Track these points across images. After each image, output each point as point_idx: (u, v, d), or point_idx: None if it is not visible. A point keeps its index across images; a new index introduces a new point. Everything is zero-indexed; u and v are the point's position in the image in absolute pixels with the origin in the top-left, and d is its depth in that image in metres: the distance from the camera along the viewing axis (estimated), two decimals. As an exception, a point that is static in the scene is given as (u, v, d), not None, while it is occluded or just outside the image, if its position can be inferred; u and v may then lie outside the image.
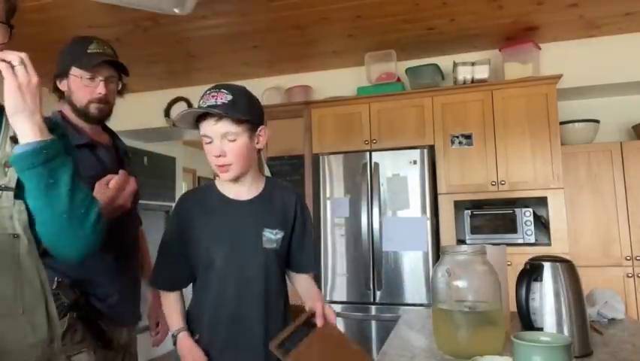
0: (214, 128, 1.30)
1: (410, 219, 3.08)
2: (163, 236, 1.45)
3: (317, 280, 1.75)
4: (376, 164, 3.14)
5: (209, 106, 1.28)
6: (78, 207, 0.91)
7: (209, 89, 1.33)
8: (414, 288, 3.00)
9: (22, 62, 0.86)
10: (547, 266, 1.21)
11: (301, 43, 3.33)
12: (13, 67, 0.86)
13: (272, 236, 1.39)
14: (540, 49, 3.27)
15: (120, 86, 1.59)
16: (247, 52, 3.46)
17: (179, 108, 4.23)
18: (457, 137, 3.19)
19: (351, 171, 3.21)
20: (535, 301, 1.19)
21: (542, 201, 3.06)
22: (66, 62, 1.51)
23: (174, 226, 1.42)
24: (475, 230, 3.16)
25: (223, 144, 1.31)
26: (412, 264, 3.03)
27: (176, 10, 1.84)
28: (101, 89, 1.49)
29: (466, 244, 3.02)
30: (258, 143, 1.39)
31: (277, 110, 3.62)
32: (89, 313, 1.43)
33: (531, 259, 1.26)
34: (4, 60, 0.86)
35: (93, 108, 1.51)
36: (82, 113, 1.51)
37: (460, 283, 1.22)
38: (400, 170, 3.11)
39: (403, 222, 3.09)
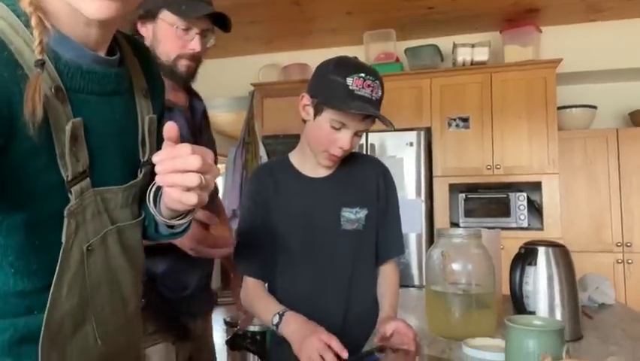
0: (359, 125, 1.13)
1: (405, 201, 3.07)
2: (240, 216, 1.30)
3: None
4: (372, 145, 3.12)
5: (365, 98, 1.09)
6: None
7: (367, 74, 1.11)
8: (407, 270, 3.02)
9: (200, 180, 0.62)
10: (541, 251, 1.21)
11: (300, 20, 3.27)
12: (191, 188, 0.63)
13: (352, 216, 1.21)
14: (541, 32, 3.23)
15: (211, 43, 1.29)
16: (245, 27, 3.39)
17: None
18: (455, 119, 3.17)
19: (346, 151, 3.19)
20: (529, 285, 1.19)
21: (536, 186, 3.07)
22: (157, 3, 1.20)
23: (249, 204, 1.27)
24: (468, 213, 3.17)
25: (352, 137, 1.14)
26: (406, 246, 3.05)
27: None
28: (195, 45, 1.21)
29: (459, 227, 3.04)
30: None
31: (273, 88, 3.58)
32: (159, 301, 1.21)
33: (525, 244, 1.26)
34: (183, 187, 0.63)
35: (182, 65, 1.23)
36: (167, 69, 1.21)
37: (455, 266, 1.22)
38: (397, 152, 3.10)
39: (397, 204, 3.09)
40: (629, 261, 3.07)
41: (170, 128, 0.65)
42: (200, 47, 1.22)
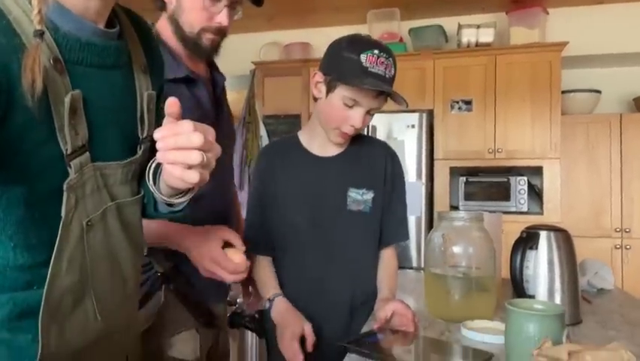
0: (371, 102, 1.12)
1: (405, 183, 3.06)
2: (249, 195, 1.30)
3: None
4: (373, 127, 3.09)
5: (379, 76, 1.10)
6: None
7: (381, 52, 1.11)
8: (406, 252, 3.03)
9: (202, 157, 0.61)
10: (543, 235, 1.21)
11: (303, -4, 3.21)
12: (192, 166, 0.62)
13: (359, 197, 1.21)
14: (548, 13, 3.17)
15: (238, 16, 1.19)
16: (247, 3, 3.32)
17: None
18: (457, 102, 3.13)
19: (347, 132, 3.17)
20: (529, 269, 1.19)
21: (537, 171, 3.06)
22: None
23: (257, 183, 1.28)
24: (468, 197, 3.16)
25: (364, 116, 1.13)
26: (405, 228, 3.05)
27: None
28: (222, 18, 1.12)
29: (459, 210, 3.03)
30: None
31: (274, 67, 3.53)
32: (186, 287, 1.17)
33: (527, 228, 1.26)
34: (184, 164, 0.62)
35: (206, 39, 1.14)
36: (189, 41, 1.14)
37: (456, 249, 1.22)
38: (398, 134, 3.07)
39: (397, 186, 3.08)
40: (628, 247, 3.08)
41: (172, 104, 0.63)
42: (227, 21, 1.13)
